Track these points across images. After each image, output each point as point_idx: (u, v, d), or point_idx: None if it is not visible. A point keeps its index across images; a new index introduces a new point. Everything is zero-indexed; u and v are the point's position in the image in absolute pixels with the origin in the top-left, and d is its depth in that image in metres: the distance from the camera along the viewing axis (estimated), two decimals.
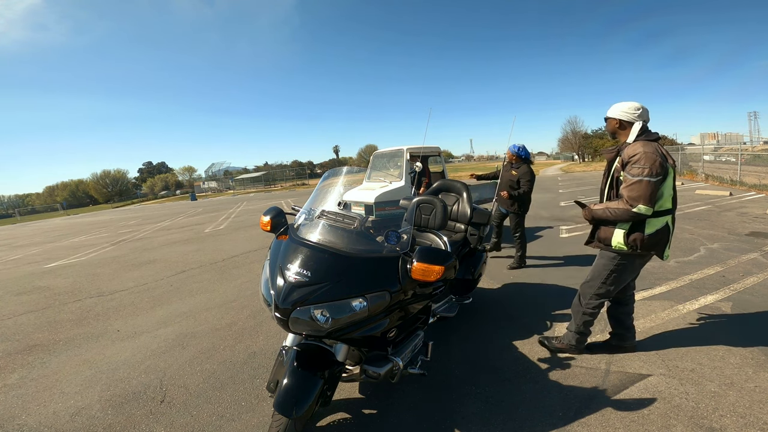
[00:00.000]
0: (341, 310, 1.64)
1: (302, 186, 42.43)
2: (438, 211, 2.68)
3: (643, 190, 1.97)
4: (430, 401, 2.20)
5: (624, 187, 2.05)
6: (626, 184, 2.04)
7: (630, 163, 2.03)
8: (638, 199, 1.98)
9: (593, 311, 2.38)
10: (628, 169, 2.03)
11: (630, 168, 2.02)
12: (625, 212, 2.04)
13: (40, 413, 2.39)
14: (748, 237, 5.31)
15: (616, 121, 2.23)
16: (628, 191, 2.02)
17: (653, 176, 1.97)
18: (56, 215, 37.89)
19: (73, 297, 4.98)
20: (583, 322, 2.41)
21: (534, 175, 4.54)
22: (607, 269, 2.25)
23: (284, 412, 1.54)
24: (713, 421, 1.87)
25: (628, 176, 2.03)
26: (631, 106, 2.16)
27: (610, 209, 2.10)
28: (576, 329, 2.44)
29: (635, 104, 2.16)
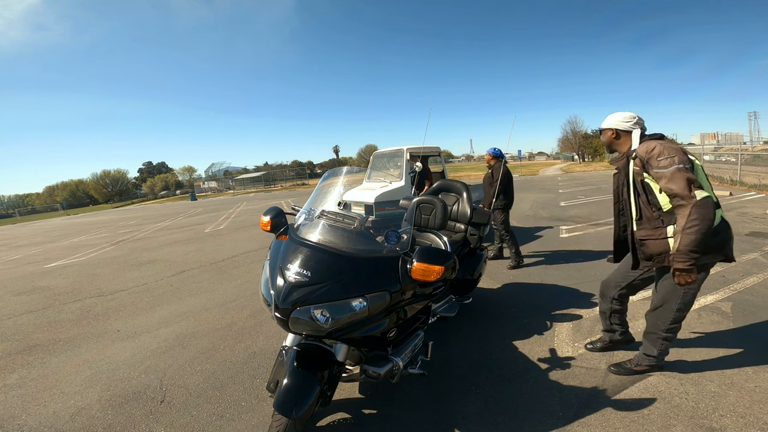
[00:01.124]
0: (341, 310, 1.64)
1: (302, 186, 42.44)
2: (438, 211, 2.68)
3: (686, 176, 1.74)
4: (430, 401, 2.20)
5: (665, 183, 1.79)
6: (666, 180, 1.78)
7: (652, 158, 1.84)
8: (689, 185, 1.73)
9: (675, 334, 2.14)
10: (655, 165, 1.82)
11: (657, 162, 1.82)
12: (697, 210, 1.70)
13: (40, 413, 2.39)
14: (748, 237, 5.31)
15: (613, 132, 2.13)
16: (674, 185, 1.75)
17: (685, 163, 1.78)
18: (56, 215, 37.90)
19: (73, 297, 4.98)
20: (665, 347, 2.17)
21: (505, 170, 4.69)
22: (680, 288, 1.94)
23: (284, 412, 1.54)
24: (713, 421, 1.87)
25: (660, 171, 1.81)
26: (627, 116, 2.09)
27: (688, 227, 1.72)
28: (659, 353, 2.19)
29: (630, 113, 2.10)
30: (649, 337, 2.19)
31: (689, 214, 1.71)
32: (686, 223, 1.72)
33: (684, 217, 1.73)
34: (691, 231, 1.70)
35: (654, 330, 2.15)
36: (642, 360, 2.25)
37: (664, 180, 1.80)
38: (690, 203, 1.72)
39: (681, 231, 1.74)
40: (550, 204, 10.51)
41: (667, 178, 1.79)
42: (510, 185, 4.74)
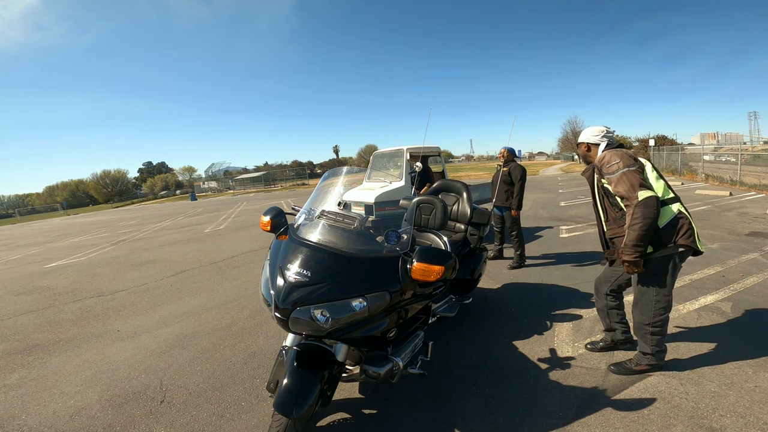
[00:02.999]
0: (341, 310, 1.64)
1: (302, 186, 42.43)
2: (438, 211, 2.68)
3: (629, 179, 1.98)
4: (430, 401, 2.20)
5: (614, 187, 2.04)
6: (614, 185, 2.04)
7: (603, 166, 2.10)
8: (632, 188, 1.96)
9: (662, 327, 2.19)
10: (606, 172, 2.08)
11: (607, 169, 2.07)
12: (639, 209, 1.92)
13: (40, 413, 2.39)
14: (748, 237, 5.32)
15: (585, 145, 2.38)
16: (620, 187, 2.00)
17: (629, 166, 2.01)
18: (56, 215, 37.88)
19: (73, 297, 4.98)
20: (655, 341, 2.20)
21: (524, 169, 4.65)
22: (652, 280, 2.11)
23: (284, 412, 1.54)
24: (713, 421, 1.87)
25: (609, 177, 2.06)
26: (596, 130, 2.32)
27: (632, 225, 1.94)
28: (652, 350, 2.22)
29: (600, 128, 2.32)
30: (639, 333, 2.27)
31: (633, 213, 1.93)
32: (631, 220, 1.94)
33: (629, 215, 1.96)
34: (634, 227, 1.92)
35: (640, 325, 2.23)
36: (641, 360, 2.27)
37: (613, 184, 2.05)
38: (633, 203, 1.94)
39: (627, 227, 1.97)
40: (550, 204, 10.51)
41: (614, 182, 2.03)
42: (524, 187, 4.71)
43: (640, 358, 2.28)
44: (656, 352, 2.22)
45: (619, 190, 2.00)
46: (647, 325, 2.18)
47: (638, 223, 1.91)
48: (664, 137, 26.72)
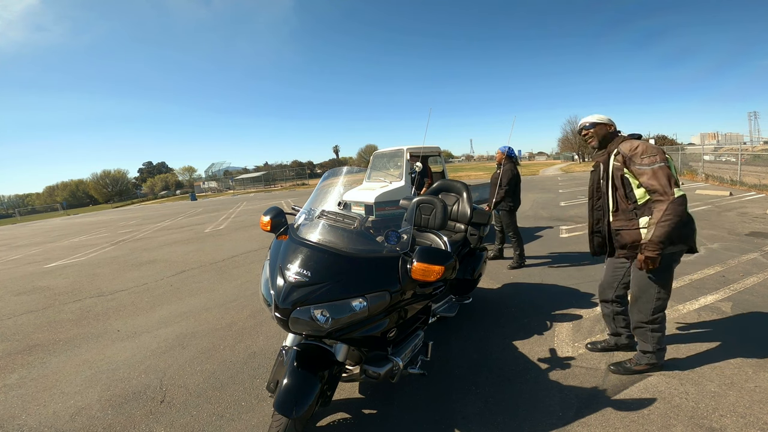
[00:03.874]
0: (341, 310, 1.64)
1: (302, 186, 42.44)
2: (438, 211, 2.68)
3: (666, 174, 1.91)
4: (430, 401, 2.20)
5: (647, 179, 1.94)
6: (647, 177, 1.93)
7: (636, 155, 1.99)
8: (669, 183, 1.89)
9: (662, 324, 2.18)
10: (638, 162, 1.98)
11: (640, 160, 1.97)
12: (674, 206, 1.87)
13: (40, 413, 2.39)
14: (748, 237, 5.32)
15: (605, 127, 2.23)
16: (655, 181, 1.91)
17: (666, 162, 1.95)
18: (56, 215, 37.89)
19: (73, 297, 4.98)
20: (657, 339, 2.19)
21: (515, 173, 4.62)
22: (657, 277, 2.07)
23: (284, 412, 1.54)
24: (713, 421, 1.87)
25: (642, 168, 1.96)
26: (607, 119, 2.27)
27: (663, 220, 1.88)
28: (654, 348, 2.21)
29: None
30: (639, 332, 2.25)
31: (666, 209, 1.87)
32: (662, 216, 1.88)
33: (660, 211, 1.89)
34: (665, 224, 1.88)
35: (640, 323, 2.21)
36: (641, 359, 2.27)
37: (646, 176, 1.95)
38: (668, 199, 1.88)
39: (656, 223, 1.90)
40: (550, 204, 10.51)
41: (648, 174, 1.94)
42: (518, 187, 4.66)
43: (640, 357, 2.28)
44: (657, 350, 2.22)
45: (653, 184, 1.91)
46: (647, 323, 2.17)
47: (670, 220, 1.86)
48: (664, 137, 26.73)
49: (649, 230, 1.94)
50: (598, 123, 2.23)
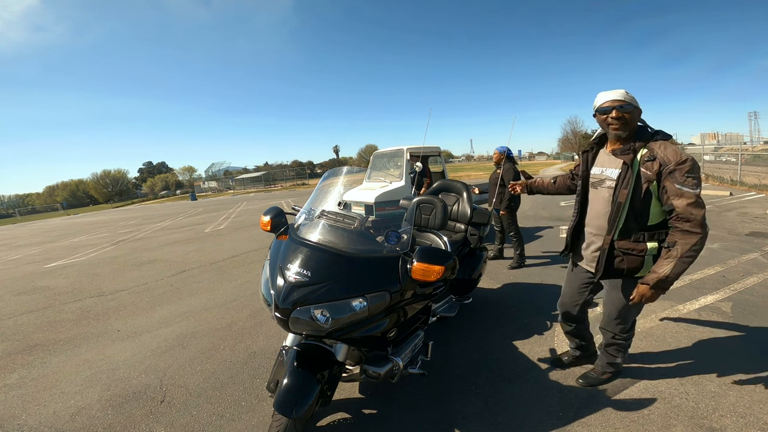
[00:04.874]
0: (341, 310, 1.64)
1: (302, 186, 42.43)
2: (438, 211, 2.68)
3: (703, 203, 1.59)
4: (430, 401, 2.20)
5: (685, 203, 1.57)
6: (687, 201, 1.57)
7: (681, 171, 1.57)
8: (704, 215, 1.58)
9: (630, 340, 2.09)
10: (680, 180, 1.57)
11: (684, 178, 1.57)
12: (702, 241, 1.59)
13: (40, 413, 2.39)
14: (748, 237, 5.32)
15: (634, 113, 1.72)
16: (695, 210, 1.56)
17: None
18: (56, 215, 37.88)
19: (73, 297, 4.98)
20: (626, 350, 2.12)
21: (517, 172, 4.60)
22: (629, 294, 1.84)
23: (284, 412, 1.54)
24: (713, 421, 1.87)
25: (684, 189, 1.57)
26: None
27: (687, 256, 1.59)
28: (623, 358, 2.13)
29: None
30: (611, 349, 2.10)
31: (694, 244, 1.58)
32: (687, 251, 1.59)
33: (688, 245, 1.59)
34: (687, 260, 1.60)
35: (614, 341, 2.06)
36: (607, 368, 2.18)
37: (686, 201, 1.57)
38: (701, 234, 1.58)
39: (678, 257, 1.60)
40: (550, 204, 10.51)
41: (692, 201, 1.57)
42: None
43: (605, 367, 2.17)
44: (623, 357, 2.13)
45: (693, 213, 1.56)
46: (622, 339, 2.04)
47: (693, 257, 1.60)
48: None
49: (666, 263, 1.62)
50: (637, 106, 1.72)
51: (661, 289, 1.67)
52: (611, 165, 1.83)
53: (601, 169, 1.89)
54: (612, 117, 1.72)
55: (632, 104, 1.69)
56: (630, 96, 1.71)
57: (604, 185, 1.85)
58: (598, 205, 1.89)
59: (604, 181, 1.85)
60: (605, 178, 1.85)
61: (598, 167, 1.92)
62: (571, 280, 2.19)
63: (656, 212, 1.71)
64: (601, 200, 1.87)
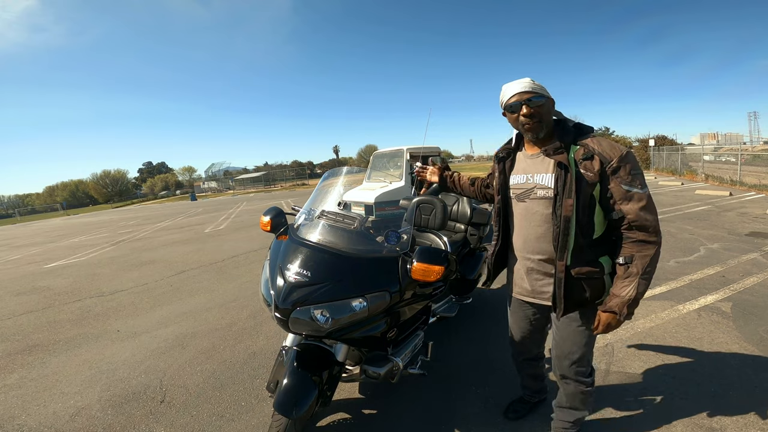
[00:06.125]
0: (341, 310, 1.64)
1: (302, 186, 42.41)
2: (438, 211, 2.68)
3: (656, 212, 1.34)
4: (430, 401, 2.20)
5: (638, 208, 1.30)
6: (641, 204, 1.30)
7: (624, 168, 1.31)
8: (657, 219, 1.34)
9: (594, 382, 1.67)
10: (625, 179, 1.31)
11: (630, 178, 1.31)
12: (658, 251, 1.34)
13: (40, 413, 2.39)
14: (748, 237, 5.32)
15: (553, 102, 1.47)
16: (649, 214, 1.31)
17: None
18: (56, 215, 37.89)
19: (73, 297, 4.98)
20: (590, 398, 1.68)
21: None
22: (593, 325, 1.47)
23: (284, 412, 1.54)
24: (713, 421, 1.87)
25: (633, 190, 1.30)
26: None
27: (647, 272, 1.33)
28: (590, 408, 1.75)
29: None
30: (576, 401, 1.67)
31: (653, 255, 1.33)
32: (647, 264, 1.32)
33: (647, 257, 1.32)
34: (649, 275, 1.34)
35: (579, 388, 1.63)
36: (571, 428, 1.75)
37: (637, 204, 1.30)
38: (657, 241, 1.33)
39: (639, 274, 1.32)
40: None
41: (644, 202, 1.31)
42: None
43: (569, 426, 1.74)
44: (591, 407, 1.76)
45: (647, 218, 1.31)
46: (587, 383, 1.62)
47: (652, 271, 1.35)
48: (663, 137, 26.65)
49: (627, 283, 1.33)
50: (548, 96, 1.43)
51: (629, 314, 1.36)
52: (539, 169, 1.46)
53: (525, 177, 1.51)
54: (523, 115, 1.41)
55: (542, 94, 1.40)
56: (537, 84, 1.42)
57: (535, 196, 1.47)
58: (531, 223, 1.50)
59: (534, 191, 1.47)
60: (535, 186, 1.47)
61: (519, 174, 1.54)
62: (519, 318, 1.75)
63: (599, 222, 1.40)
64: (534, 216, 1.49)
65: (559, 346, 1.61)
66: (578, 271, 1.41)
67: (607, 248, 1.44)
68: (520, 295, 1.66)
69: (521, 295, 1.66)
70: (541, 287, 1.56)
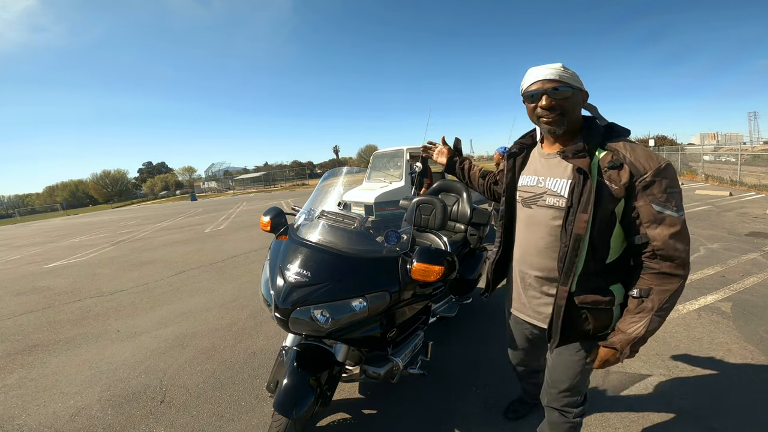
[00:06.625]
0: (341, 310, 1.64)
1: (302, 186, 42.40)
2: (438, 211, 2.68)
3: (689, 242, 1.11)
4: (430, 401, 2.20)
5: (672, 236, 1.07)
6: (673, 230, 1.07)
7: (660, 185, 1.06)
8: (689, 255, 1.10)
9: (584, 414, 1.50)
10: (660, 198, 1.06)
11: (665, 197, 1.07)
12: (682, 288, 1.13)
13: (40, 413, 2.39)
14: (748, 237, 5.32)
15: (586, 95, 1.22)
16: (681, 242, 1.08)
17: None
18: (56, 215, 37.88)
19: (73, 297, 4.98)
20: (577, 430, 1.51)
21: None
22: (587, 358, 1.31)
23: (284, 412, 1.54)
24: (713, 421, 1.87)
25: (666, 213, 1.07)
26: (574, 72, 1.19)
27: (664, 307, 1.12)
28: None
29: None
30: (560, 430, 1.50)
31: (675, 291, 1.11)
32: (666, 301, 1.12)
33: (667, 292, 1.11)
34: (664, 313, 1.14)
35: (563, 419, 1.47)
36: None
37: (667, 229, 1.07)
38: (683, 277, 1.11)
39: (653, 310, 1.12)
40: None
41: (675, 228, 1.07)
42: None
43: None
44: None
45: (678, 247, 1.08)
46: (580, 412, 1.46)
47: (670, 308, 1.14)
48: (663, 137, 26.65)
49: (638, 319, 1.14)
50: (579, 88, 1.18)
51: (632, 353, 1.18)
52: (553, 173, 1.25)
53: (536, 179, 1.31)
54: (542, 106, 1.18)
55: (571, 85, 1.15)
56: (569, 72, 1.16)
57: (544, 203, 1.26)
58: (534, 234, 1.31)
59: (543, 197, 1.26)
60: (545, 192, 1.26)
61: (530, 176, 1.34)
62: (517, 335, 1.62)
63: (617, 245, 1.19)
64: (539, 227, 1.29)
65: (550, 372, 1.45)
66: (583, 299, 1.21)
67: (621, 275, 1.23)
68: (517, 311, 1.50)
69: (518, 311, 1.49)
70: (538, 307, 1.38)
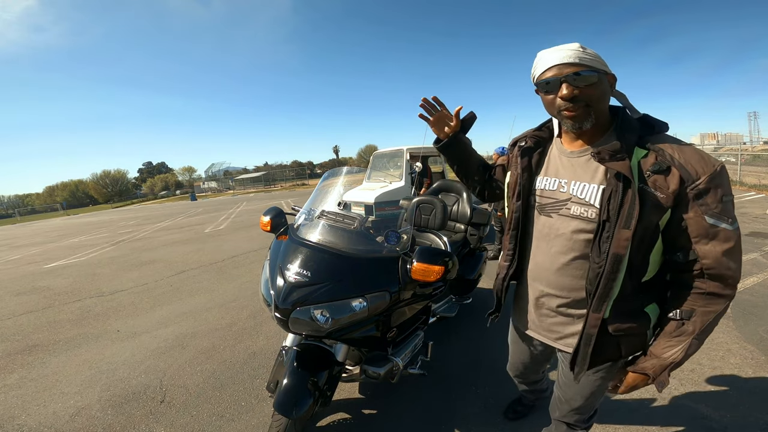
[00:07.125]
0: (341, 310, 1.64)
1: (302, 186, 42.41)
2: (438, 211, 2.68)
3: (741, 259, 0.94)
4: (430, 401, 2.20)
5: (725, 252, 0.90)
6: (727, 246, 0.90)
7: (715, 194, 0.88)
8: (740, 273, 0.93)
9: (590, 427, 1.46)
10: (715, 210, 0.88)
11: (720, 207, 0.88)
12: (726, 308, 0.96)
13: (40, 413, 2.39)
14: (748, 237, 5.31)
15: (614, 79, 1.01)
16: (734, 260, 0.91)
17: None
18: (56, 215, 37.88)
19: (73, 297, 4.98)
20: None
21: None
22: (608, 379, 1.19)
23: (284, 412, 1.54)
24: (713, 422, 1.87)
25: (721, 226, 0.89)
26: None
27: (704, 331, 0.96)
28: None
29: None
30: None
31: (720, 312, 0.95)
32: (709, 323, 0.96)
33: (711, 313, 0.95)
34: (705, 335, 0.98)
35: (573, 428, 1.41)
36: None
37: (721, 245, 0.90)
38: (731, 297, 0.95)
39: (694, 334, 0.96)
40: None
41: (729, 244, 0.90)
42: None
43: None
44: None
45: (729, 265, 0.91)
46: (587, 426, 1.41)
47: (711, 330, 0.98)
48: None
49: (675, 343, 0.99)
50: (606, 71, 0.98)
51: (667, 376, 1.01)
52: (580, 176, 1.04)
53: (557, 182, 1.09)
54: (562, 97, 0.96)
55: (595, 68, 0.94)
56: (589, 53, 0.95)
57: (568, 212, 1.05)
58: (552, 247, 1.10)
59: (567, 205, 1.05)
60: (569, 198, 1.05)
61: (550, 177, 1.11)
62: (520, 350, 1.49)
63: (655, 260, 1.00)
64: (558, 240, 1.08)
65: (562, 388, 1.32)
66: (618, 327, 1.03)
67: (657, 294, 1.05)
68: (525, 327, 1.34)
69: (526, 328, 1.33)
70: (552, 326, 1.20)
